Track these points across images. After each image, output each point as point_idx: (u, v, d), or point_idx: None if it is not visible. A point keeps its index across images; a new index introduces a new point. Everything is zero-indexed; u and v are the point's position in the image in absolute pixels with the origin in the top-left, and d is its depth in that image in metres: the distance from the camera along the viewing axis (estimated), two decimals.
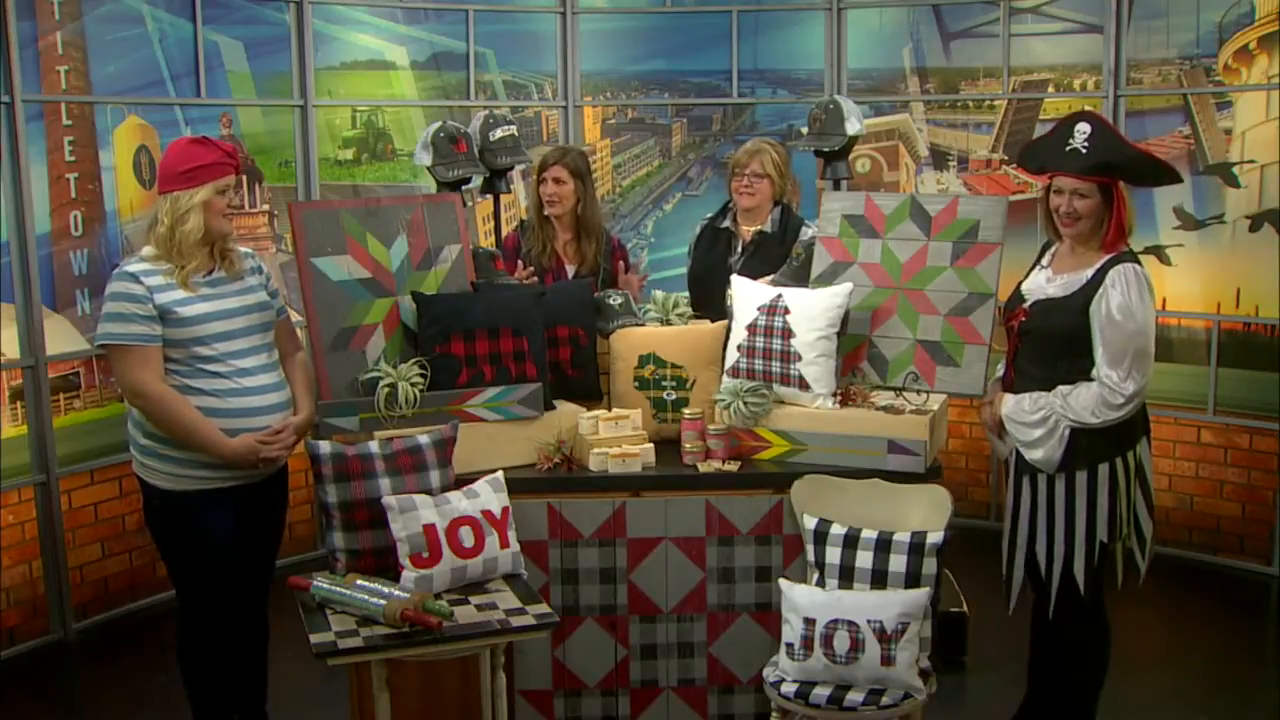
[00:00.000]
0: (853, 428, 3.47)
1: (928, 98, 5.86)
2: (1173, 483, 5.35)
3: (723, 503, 3.46)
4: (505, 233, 4.59)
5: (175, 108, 4.98)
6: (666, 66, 6.14)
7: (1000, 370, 3.54)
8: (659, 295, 3.95)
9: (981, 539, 3.73)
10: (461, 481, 3.33)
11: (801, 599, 3.19)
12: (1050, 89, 5.59)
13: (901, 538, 3.23)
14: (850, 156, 4.62)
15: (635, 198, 6.20)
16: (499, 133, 4.36)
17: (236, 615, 3.45)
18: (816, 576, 3.32)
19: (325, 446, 3.19)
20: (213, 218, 3.27)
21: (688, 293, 4.19)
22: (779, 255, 4.17)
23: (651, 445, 3.54)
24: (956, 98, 5.81)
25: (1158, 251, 5.32)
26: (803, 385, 3.53)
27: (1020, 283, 3.49)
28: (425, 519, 3.10)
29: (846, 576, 3.25)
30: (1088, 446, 3.26)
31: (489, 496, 3.25)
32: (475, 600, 3.10)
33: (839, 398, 3.54)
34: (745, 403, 3.53)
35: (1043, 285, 3.38)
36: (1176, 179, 3.38)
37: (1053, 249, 3.46)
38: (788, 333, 3.54)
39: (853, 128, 4.44)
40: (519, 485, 3.38)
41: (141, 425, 3.29)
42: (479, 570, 3.17)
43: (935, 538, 3.21)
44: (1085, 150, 3.23)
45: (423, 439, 3.30)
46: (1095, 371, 3.24)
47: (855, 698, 3.08)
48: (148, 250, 3.28)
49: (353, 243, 3.56)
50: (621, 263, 4.46)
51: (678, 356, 3.72)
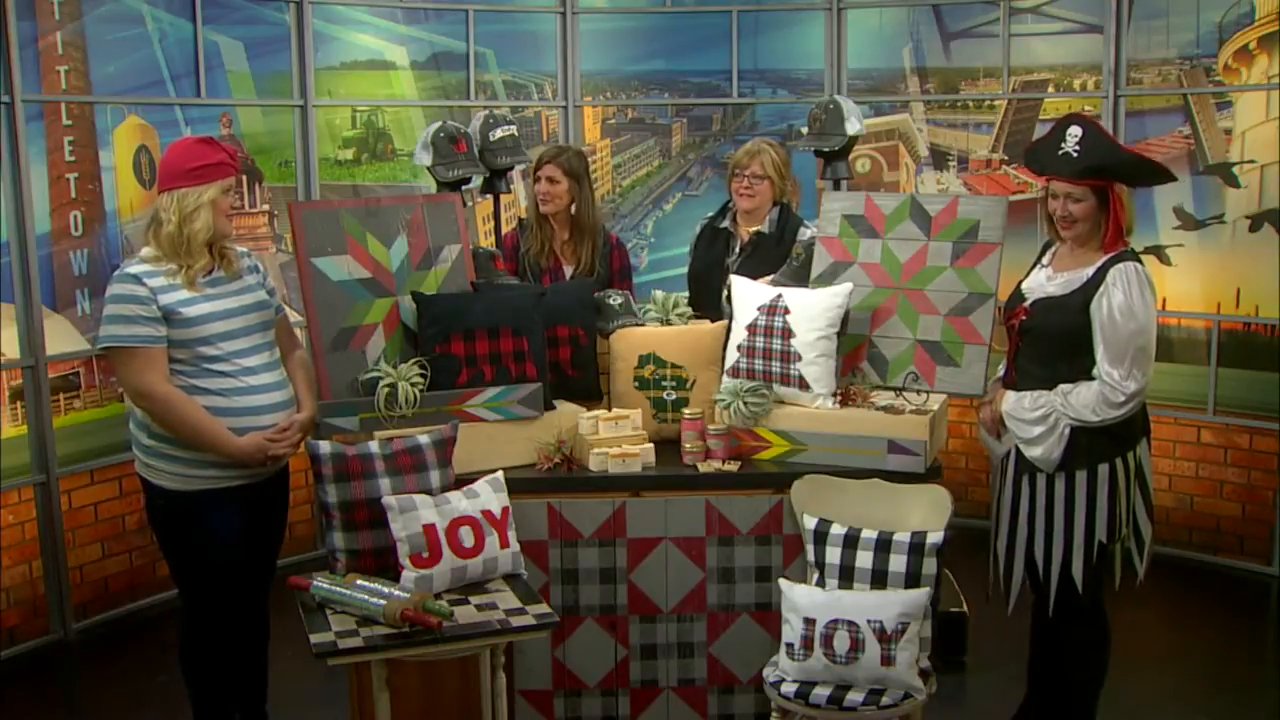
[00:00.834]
0: (853, 428, 3.47)
1: (928, 98, 5.86)
2: (1173, 483, 5.35)
3: (723, 503, 3.46)
4: (508, 232, 4.59)
5: (175, 108, 4.99)
6: (666, 66, 6.14)
7: (1001, 370, 3.54)
8: (659, 295, 3.95)
9: (982, 539, 3.73)
10: (461, 481, 3.33)
11: (801, 599, 3.19)
12: (1050, 89, 5.59)
13: (901, 538, 3.23)
14: (850, 156, 4.62)
15: (635, 198, 6.20)
16: (499, 133, 4.36)
17: (238, 615, 3.44)
18: (816, 576, 3.32)
19: (325, 446, 3.19)
20: (218, 217, 3.27)
21: (687, 292, 4.19)
22: (777, 256, 4.17)
23: (651, 445, 3.54)
24: (956, 98, 5.81)
25: (1158, 251, 5.32)
26: (803, 385, 3.53)
27: (1020, 282, 3.50)
28: (425, 519, 3.10)
29: (846, 576, 3.25)
30: (1088, 446, 3.27)
31: (489, 496, 3.25)
32: (475, 600, 3.10)
33: (839, 398, 3.54)
34: (745, 403, 3.53)
35: (1043, 284, 3.39)
36: (1170, 178, 3.38)
37: (1053, 248, 3.46)
38: (788, 333, 3.54)
39: (853, 128, 4.44)
40: (519, 485, 3.38)
41: (145, 426, 3.29)
42: (479, 570, 3.17)
43: (935, 538, 3.21)
44: (1076, 154, 3.23)
45: (423, 439, 3.30)
46: (1096, 370, 3.24)
47: (855, 698, 3.08)
48: (147, 251, 3.27)
49: (353, 243, 3.56)
50: (620, 265, 4.46)
51: (678, 356, 3.72)
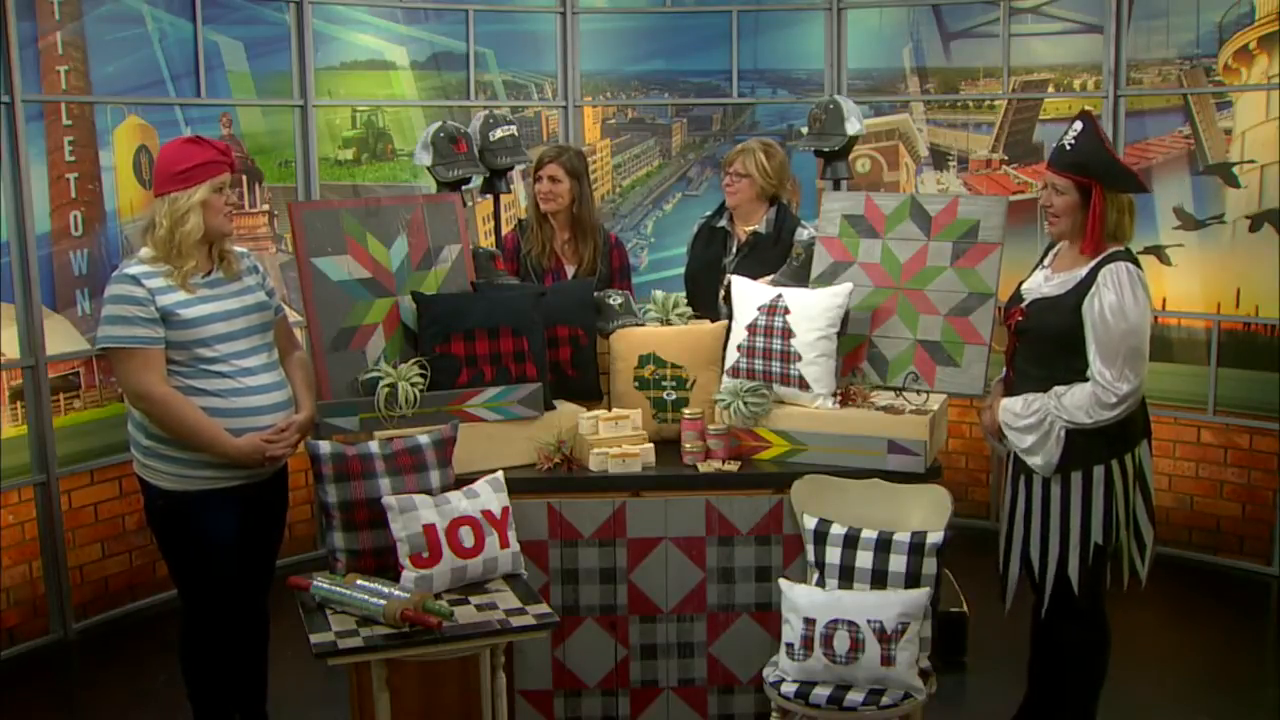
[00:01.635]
0: (853, 428, 3.47)
1: (928, 98, 5.86)
2: (1173, 483, 5.35)
3: (723, 503, 3.46)
4: (508, 232, 4.59)
5: (175, 108, 4.99)
6: (666, 66, 6.14)
7: (1003, 371, 3.54)
8: (659, 295, 3.95)
9: (981, 539, 3.73)
10: (461, 481, 3.33)
11: (801, 599, 3.19)
12: (1050, 89, 5.59)
13: (901, 538, 3.23)
14: (850, 156, 4.62)
15: (635, 198, 6.20)
16: (499, 133, 4.36)
17: (238, 615, 3.44)
18: (816, 576, 3.32)
19: (325, 446, 3.19)
20: (212, 217, 3.26)
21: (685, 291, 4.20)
22: (774, 256, 4.16)
23: (651, 445, 3.54)
24: (956, 98, 5.81)
25: (1158, 251, 5.32)
26: (803, 385, 3.53)
27: (1022, 282, 3.50)
28: (425, 519, 3.10)
29: (846, 576, 3.25)
30: (1084, 448, 3.26)
31: (489, 496, 3.25)
32: (475, 600, 3.10)
33: (839, 398, 3.54)
34: (745, 403, 3.53)
35: (1040, 284, 3.39)
36: (1144, 189, 3.38)
37: (1055, 249, 3.46)
38: (788, 333, 3.54)
39: (853, 128, 4.44)
40: (519, 485, 3.38)
41: (144, 426, 3.29)
42: (479, 570, 3.17)
43: (935, 538, 3.21)
44: (1069, 147, 3.26)
45: (423, 439, 3.30)
46: (1089, 371, 3.24)
47: (855, 698, 3.08)
48: (145, 252, 3.27)
49: (353, 243, 3.56)
50: (620, 264, 4.46)
51: (678, 356, 3.72)
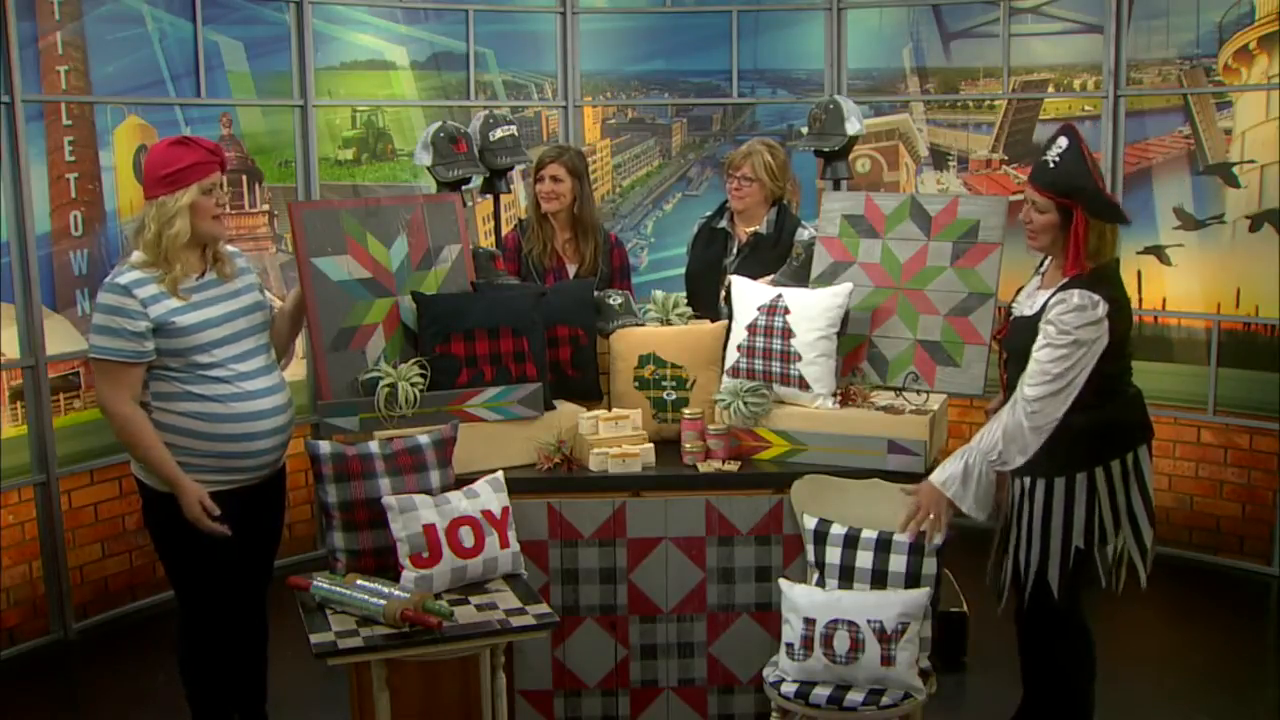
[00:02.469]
0: (853, 428, 3.47)
1: (928, 98, 5.86)
2: (1173, 483, 5.35)
3: (723, 503, 3.46)
4: (508, 233, 4.59)
5: (175, 108, 4.99)
6: (666, 66, 6.14)
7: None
8: (659, 295, 3.95)
9: (981, 539, 3.73)
10: (461, 481, 3.33)
11: (801, 599, 3.19)
12: (1050, 89, 5.59)
13: (901, 538, 3.23)
14: (850, 156, 4.62)
15: (635, 198, 6.20)
16: (499, 133, 4.36)
17: (236, 616, 3.44)
18: (816, 576, 3.32)
19: (325, 446, 3.19)
20: (201, 219, 3.21)
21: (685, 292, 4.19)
22: (774, 256, 4.17)
23: (651, 445, 3.54)
24: (956, 98, 5.81)
25: (1158, 251, 5.32)
26: (803, 385, 3.53)
27: (1020, 288, 3.48)
28: (425, 519, 3.10)
29: (846, 576, 3.25)
30: (1066, 454, 3.22)
31: (489, 496, 3.25)
32: (475, 600, 3.10)
33: (839, 398, 3.54)
34: (745, 403, 3.53)
35: (1022, 301, 3.38)
36: (1124, 221, 3.27)
37: (1049, 259, 3.43)
38: (788, 333, 3.54)
39: (853, 128, 4.44)
40: (519, 485, 3.38)
41: None
42: (479, 570, 3.17)
43: (935, 538, 3.21)
44: (1053, 165, 3.17)
45: (423, 439, 3.30)
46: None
47: (855, 698, 3.08)
48: (137, 256, 3.23)
49: (353, 243, 3.56)
50: (620, 263, 4.46)
51: (678, 356, 3.72)
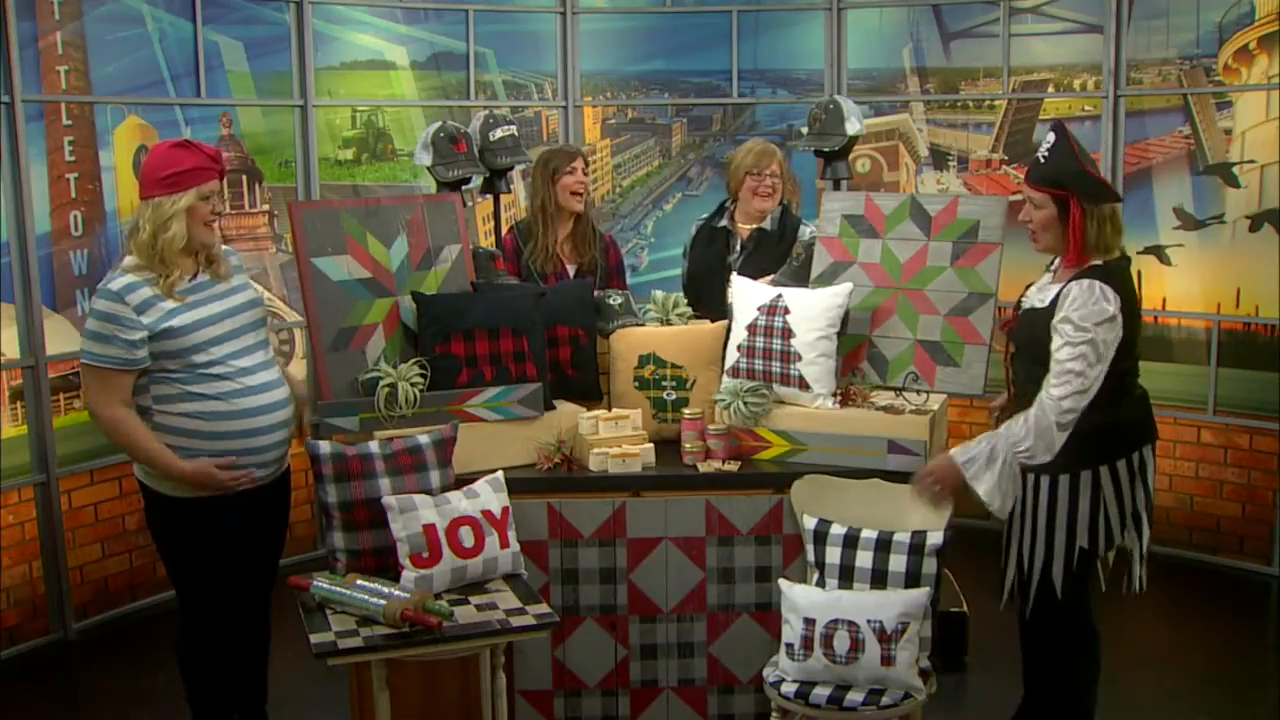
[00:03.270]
0: (853, 428, 3.47)
1: (928, 98, 5.87)
2: (1173, 483, 5.35)
3: (723, 503, 3.46)
4: (505, 234, 4.59)
5: (175, 108, 4.99)
6: (666, 66, 6.14)
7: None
8: (659, 295, 3.95)
9: (981, 539, 3.73)
10: (461, 481, 3.33)
11: (801, 599, 3.19)
12: (1050, 89, 5.59)
13: (901, 538, 3.23)
14: (850, 156, 4.62)
15: (635, 198, 6.20)
16: (499, 133, 4.36)
17: (238, 618, 3.43)
18: (816, 576, 3.32)
19: (325, 446, 3.19)
20: (195, 225, 3.20)
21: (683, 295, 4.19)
22: (778, 254, 4.18)
23: (651, 445, 3.54)
24: (956, 98, 5.81)
25: (1158, 251, 5.32)
26: (803, 385, 3.53)
27: (1028, 286, 3.48)
28: (425, 519, 3.10)
29: (846, 576, 3.25)
30: (1074, 452, 3.23)
31: (489, 496, 3.25)
32: (475, 600, 3.10)
33: (839, 398, 3.54)
34: (745, 403, 3.53)
35: (1034, 294, 3.38)
36: (1115, 199, 3.29)
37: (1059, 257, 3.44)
38: (788, 333, 3.54)
39: (853, 128, 4.45)
40: (519, 485, 3.38)
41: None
42: (479, 570, 3.17)
43: (935, 538, 3.21)
44: (1043, 160, 3.22)
45: (423, 439, 3.30)
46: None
47: (855, 698, 3.08)
48: (130, 260, 3.21)
49: (353, 243, 3.56)
50: (615, 262, 4.46)
51: (678, 356, 3.72)
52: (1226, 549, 5.27)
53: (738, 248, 4.32)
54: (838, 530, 3.30)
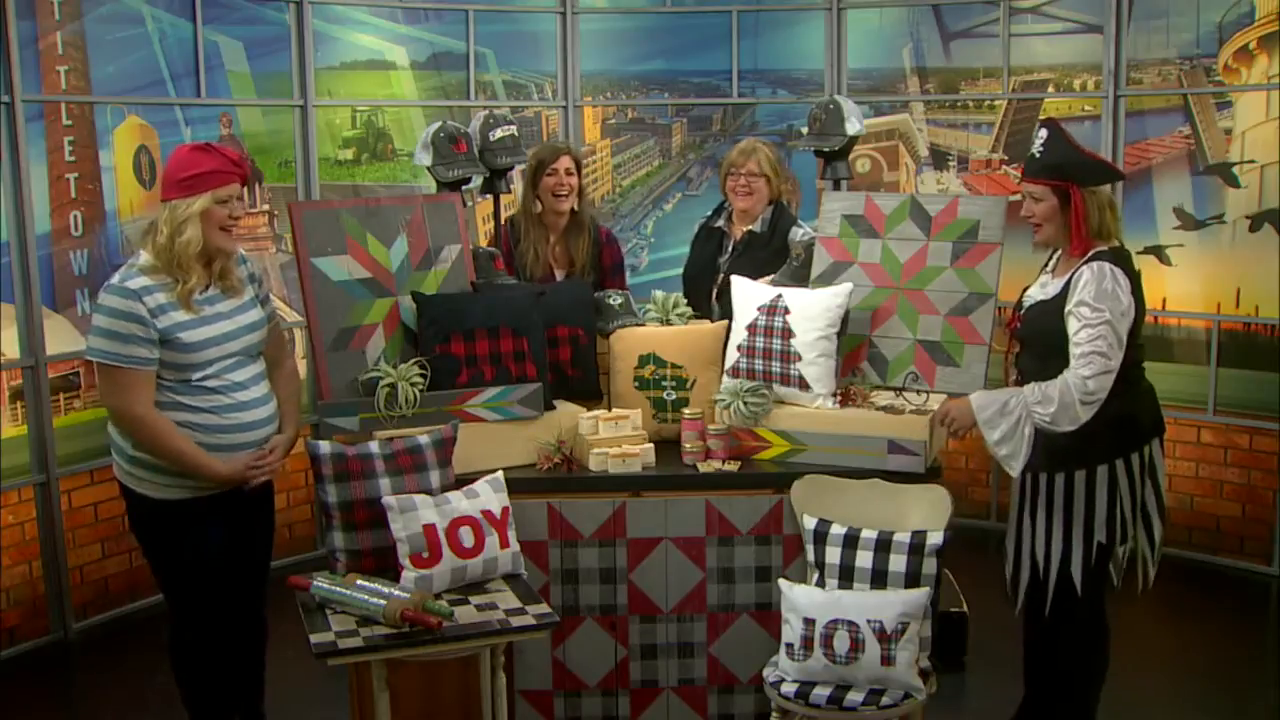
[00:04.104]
0: (853, 428, 3.47)
1: (928, 98, 5.86)
2: (1173, 483, 5.35)
3: (723, 503, 3.46)
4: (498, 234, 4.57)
5: (175, 108, 4.98)
6: (666, 66, 6.14)
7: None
8: (659, 295, 3.95)
9: (981, 539, 3.73)
10: (461, 481, 3.33)
11: (801, 599, 3.19)
12: (1050, 89, 5.59)
13: (901, 538, 3.23)
14: (850, 156, 4.62)
15: (635, 198, 6.20)
16: (499, 133, 4.36)
17: (229, 621, 3.42)
18: (816, 576, 3.32)
19: (325, 446, 3.19)
20: (210, 229, 3.16)
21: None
22: (768, 255, 4.17)
23: (651, 445, 3.54)
24: (956, 98, 5.81)
25: (1158, 251, 5.32)
26: (803, 385, 3.53)
27: (1026, 288, 3.50)
28: (425, 519, 3.10)
29: (846, 576, 3.25)
30: (1086, 446, 3.26)
31: (489, 496, 3.25)
32: (475, 600, 3.10)
33: (839, 398, 3.54)
34: (745, 403, 3.53)
35: (1036, 291, 3.40)
36: (1119, 177, 3.49)
37: (1056, 255, 3.46)
38: (788, 333, 3.54)
39: (853, 128, 4.44)
40: (519, 485, 3.38)
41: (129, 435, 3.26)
42: (479, 570, 3.17)
43: (935, 538, 3.21)
44: (1039, 155, 3.28)
45: (423, 439, 3.30)
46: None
47: (855, 698, 3.08)
48: (145, 260, 3.18)
49: (353, 243, 3.56)
50: (612, 261, 4.45)
51: (678, 356, 3.72)
52: (1226, 549, 5.27)
53: (729, 248, 4.32)
54: (838, 530, 3.30)
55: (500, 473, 3.34)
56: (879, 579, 3.21)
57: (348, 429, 3.39)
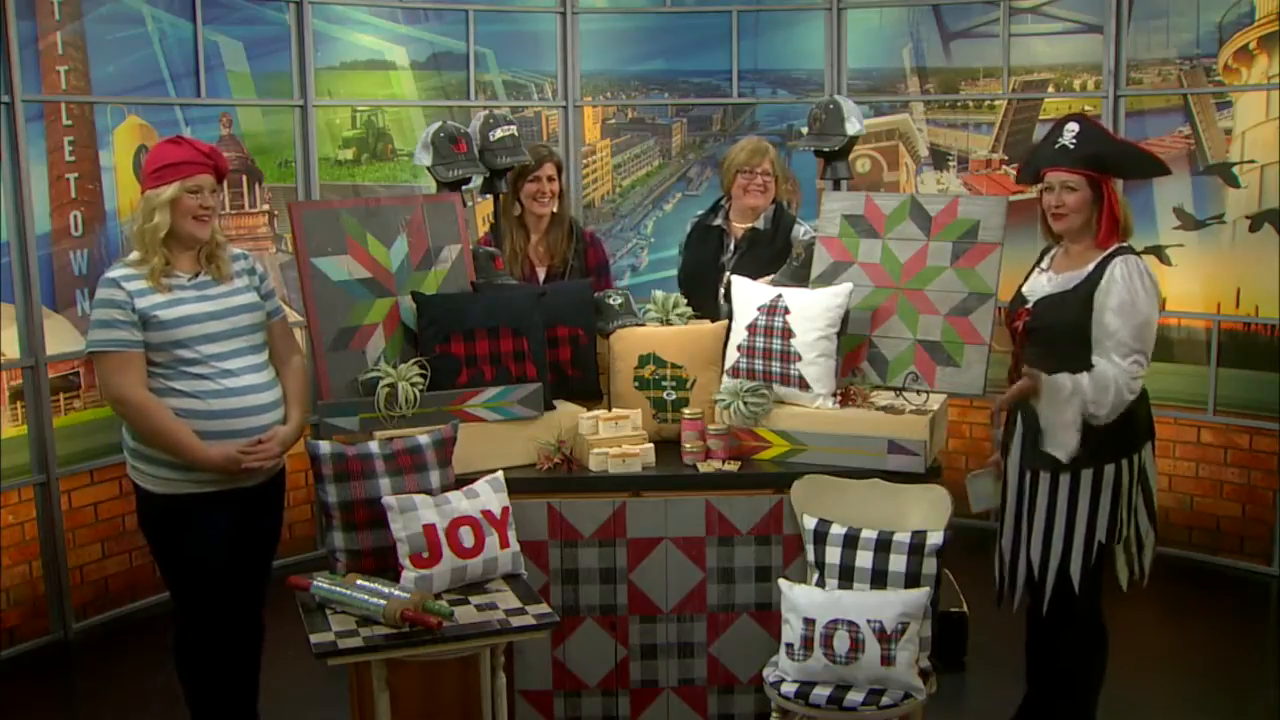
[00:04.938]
0: (853, 428, 3.47)
1: (928, 98, 5.86)
2: (1173, 483, 5.35)
3: (723, 503, 3.46)
4: (482, 235, 4.57)
5: (175, 108, 4.98)
6: (666, 66, 6.14)
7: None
8: (659, 295, 3.95)
9: (981, 539, 3.74)
10: (461, 481, 3.33)
11: (801, 599, 3.19)
12: (1050, 89, 5.59)
13: (901, 538, 3.23)
14: (850, 156, 4.62)
15: (635, 198, 6.20)
16: (499, 133, 4.35)
17: (232, 619, 3.42)
18: (816, 576, 3.32)
19: (325, 446, 3.19)
20: (180, 217, 3.23)
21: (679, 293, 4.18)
22: (771, 253, 4.17)
23: (651, 445, 3.54)
24: (956, 98, 5.81)
25: (1158, 251, 5.32)
26: (803, 385, 3.53)
27: (1020, 286, 3.50)
28: (425, 519, 3.10)
29: (846, 576, 3.25)
30: (1094, 446, 3.25)
31: (489, 496, 3.25)
32: (475, 600, 3.10)
33: (839, 398, 3.54)
34: (745, 403, 3.53)
35: (1043, 285, 3.39)
36: (1164, 170, 3.44)
37: (1052, 252, 3.46)
38: (788, 333, 3.54)
39: (853, 128, 4.44)
40: (519, 485, 3.38)
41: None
42: (479, 570, 3.18)
43: (935, 538, 3.21)
44: (1073, 145, 3.27)
45: (423, 439, 3.30)
46: (1099, 364, 3.22)
47: (855, 698, 3.08)
48: (134, 255, 3.28)
49: (353, 243, 3.56)
50: (596, 262, 4.45)
51: (678, 356, 3.72)
52: (1226, 549, 5.27)
53: (731, 247, 4.31)
54: (838, 530, 3.30)
55: (500, 473, 3.34)
56: (879, 579, 3.21)
57: (348, 429, 3.39)
